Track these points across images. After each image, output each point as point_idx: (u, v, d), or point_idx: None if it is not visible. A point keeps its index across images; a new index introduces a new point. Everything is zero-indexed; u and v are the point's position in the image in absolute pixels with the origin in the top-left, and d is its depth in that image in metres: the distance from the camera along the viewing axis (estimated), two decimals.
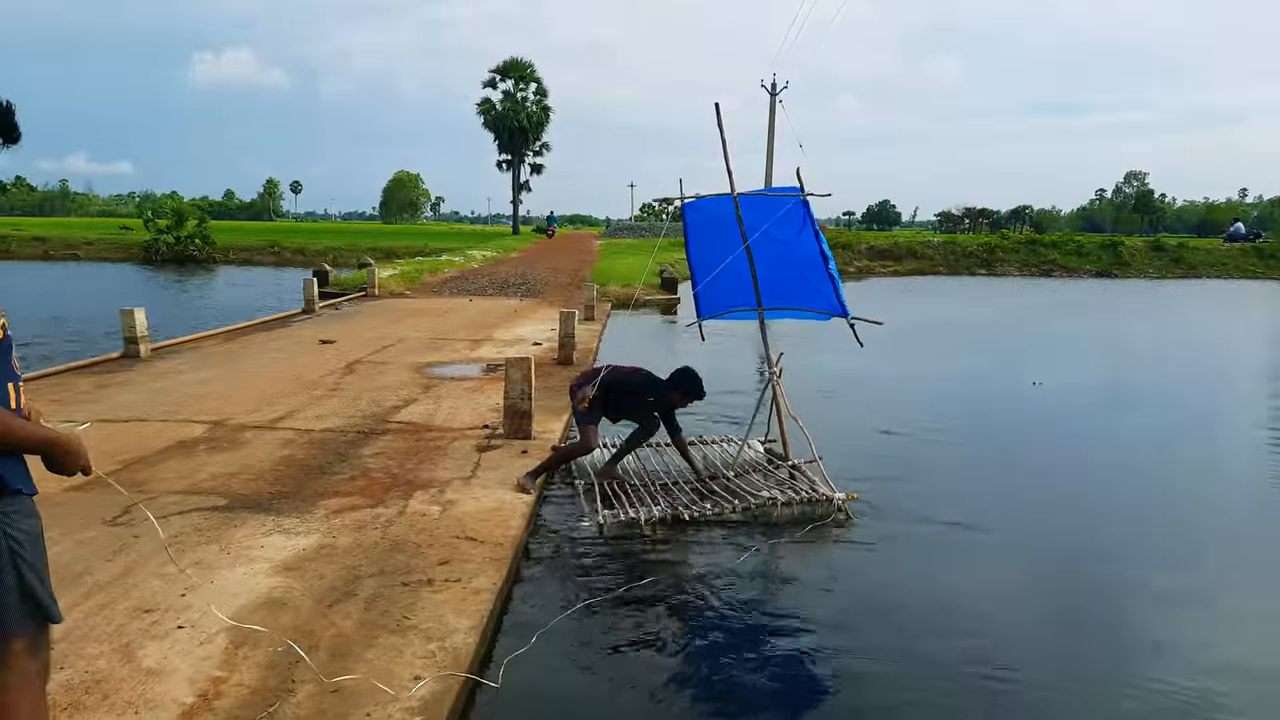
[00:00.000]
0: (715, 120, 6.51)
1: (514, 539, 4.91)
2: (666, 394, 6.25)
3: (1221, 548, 5.88)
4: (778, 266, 6.70)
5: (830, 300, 6.63)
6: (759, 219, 6.53)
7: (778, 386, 6.78)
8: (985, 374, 12.77)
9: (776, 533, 5.71)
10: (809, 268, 6.62)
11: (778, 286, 6.87)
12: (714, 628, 4.40)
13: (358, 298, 19.56)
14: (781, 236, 6.51)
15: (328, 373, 9.90)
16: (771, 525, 5.83)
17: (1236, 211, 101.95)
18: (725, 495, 6.13)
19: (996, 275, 40.25)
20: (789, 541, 5.56)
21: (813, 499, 6.04)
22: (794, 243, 6.56)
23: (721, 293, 6.91)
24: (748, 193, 6.69)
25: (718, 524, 5.81)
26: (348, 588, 4.18)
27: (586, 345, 12.69)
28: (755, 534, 5.68)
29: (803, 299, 6.82)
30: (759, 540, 5.55)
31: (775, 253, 6.59)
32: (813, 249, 6.52)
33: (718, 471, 6.72)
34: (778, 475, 6.65)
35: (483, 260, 32.15)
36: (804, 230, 6.52)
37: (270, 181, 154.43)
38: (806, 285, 6.71)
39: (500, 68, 62.72)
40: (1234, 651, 4.34)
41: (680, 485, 6.43)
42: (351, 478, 5.96)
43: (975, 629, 4.45)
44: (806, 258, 6.58)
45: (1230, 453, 8.52)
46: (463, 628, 3.81)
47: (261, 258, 41.46)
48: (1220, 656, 4.27)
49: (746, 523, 5.87)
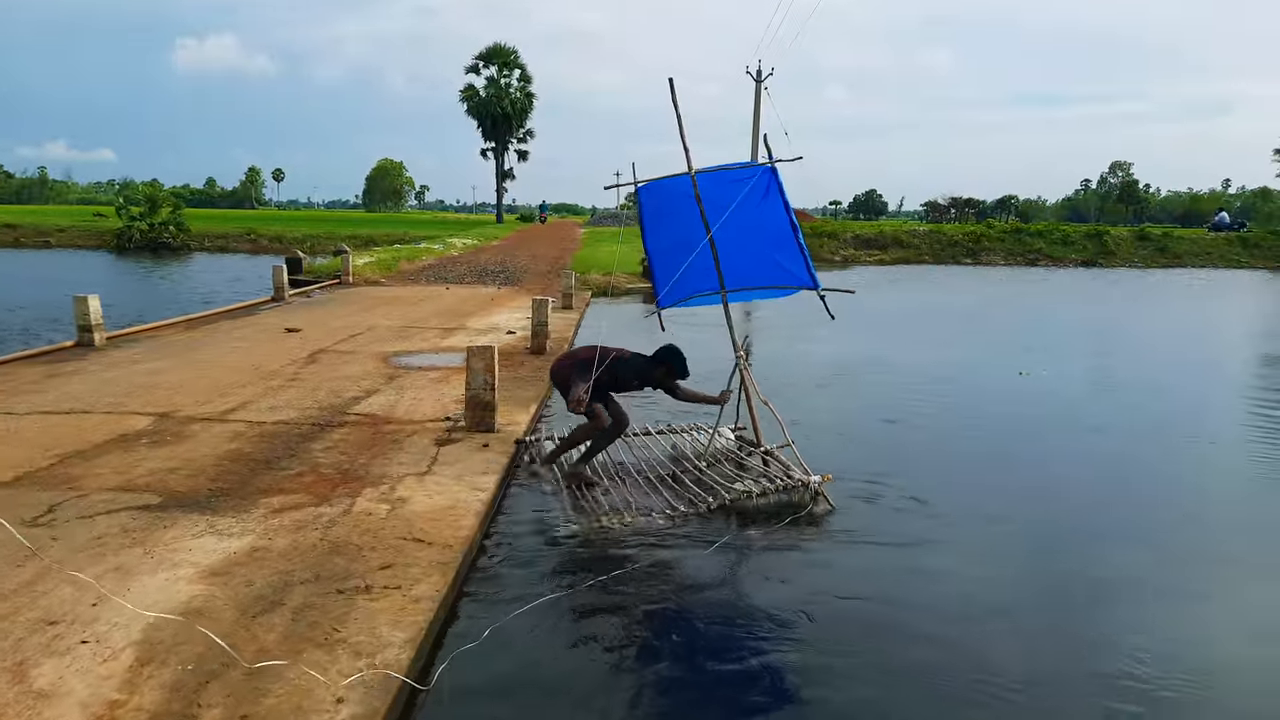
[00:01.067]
0: (670, 98, 6.17)
1: (465, 540, 4.57)
2: (653, 371, 6.20)
3: (1196, 531, 5.71)
4: (741, 245, 6.37)
5: (801, 274, 6.36)
6: (720, 196, 6.17)
7: (745, 372, 6.53)
8: (971, 362, 12.50)
9: (748, 524, 5.49)
10: (776, 242, 6.32)
11: (741, 266, 6.56)
12: (682, 629, 4.12)
13: (330, 285, 19.09)
14: (745, 211, 6.14)
15: (289, 362, 9.51)
16: (747, 516, 5.59)
17: (1220, 202, 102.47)
18: (700, 491, 5.88)
19: (982, 264, 40.09)
20: (762, 534, 5.32)
21: (788, 486, 5.87)
22: (759, 216, 6.21)
23: (683, 278, 6.55)
24: (707, 169, 6.32)
25: (691, 516, 5.55)
26: (276, 596, 3.84)
27: (562, 334, 12.34)
28: (727, 526, 5.44)
29: (768, 277, 6.54)
30: (730, 533, 5.31)
31: (738, 230, 6.22)
32: (781, 220, 6.21)
33: (689, 461, 6.47)
34: (750, 462, 6.42)
35: (463, 248, 31.70)
36: (770, 200, 6.18)
37: (252, 169, 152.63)
38: (771, 263, 6.43)
39: (483, 54, 62.12)
40: (1218, 639, 4.10)
41: (653, 481, 6.16)
42: (299, 474, 5.61)
43: (948, 623, 4.22)
44: (774, 231, 6.28)
45: (1214, 440, 8.27)
46: (397, 641, 3.47)
47: (238, 245, 40.78)
48: (1203, 645, 4.06)
49: (721, 513, 5.62)
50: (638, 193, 6.60)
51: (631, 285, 22.55)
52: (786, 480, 5.92)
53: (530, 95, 63.49)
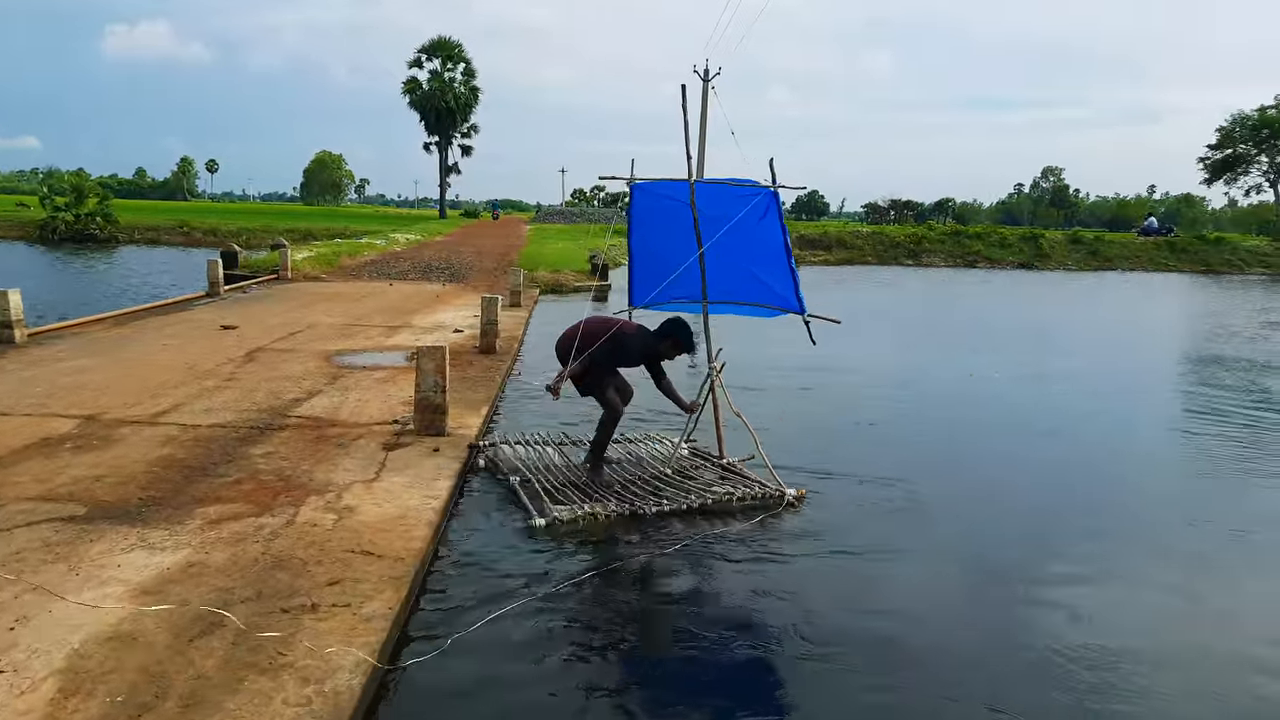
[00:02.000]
0: (680, 104, 6.28)
1: (417, 552, 4.34)
2: (658, 345, 6.11)
3: (1135, 524, 5.81)
4: (731, 261, 6.35)
5: (788, 296, 6.33)
6: (718, 210, 6.16)
7: (718, 383, 6.44)
8: (924, 364, 12.60)
9: (714, 525, 5.44)
10: (767, 262, 6.32)
11: (728, 281, 6.49)
12: (647, 634, 3.99)
13: (268, 280, 18.47)
14: (740, 229, 6.14)
15: (225, 361, 9.09)
16: (715, 518, 5.58)
17: (1147, 207, 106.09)
18: (678, 491, 5.87)
19: (924, 266, 40.82)
20: (725, 534, 5.23)
21: (765, 494, 5.85)
22: (754, 236, 6.23)
23: (661, 281, 6.47)
24: (709, 180, 6.37)
25: (656, 519, 5.48)
26: (215, 617, 3.56)
27: (511, 333, 12.08)
28: (694, 528, 5.37)
29: (753, 295, 6.52)
30: (697, 533, 5.26)
31: (730, 246, 6.21)
32: (776, 242, 6.23)
33: (656, 469, 6.38)
34: (716, 473, 6.36)
35: (406, 243, 31.07)
36: (768, 222, 6.21)
37: (185, 160, 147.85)
38: (756, 282, 6.44)
39: (427, 47, 61.12)
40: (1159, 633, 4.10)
41: (628, 482, 6.09)
42: (237, 481, 5.29)
43: (903, 619, 4.17)
44: (767, 252, 6.28)
45: (1151, 437, 8.43)
46: (348, 664, 3.24)
47: (169, 238, 39.42)
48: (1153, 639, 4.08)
49: (687, 515, 5.58)
50: (631, 190, 6.57)
51: (579, 283, 22.32)
52: (763, 488, 5.90)
53: (475, 90, 62.67)
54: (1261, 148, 59.87)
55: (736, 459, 6.55)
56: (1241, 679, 3.95)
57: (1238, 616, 4.68)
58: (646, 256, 6.70)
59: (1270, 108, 58.55)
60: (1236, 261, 45.28)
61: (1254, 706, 3.74)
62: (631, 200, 6.63)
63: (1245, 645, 4.29)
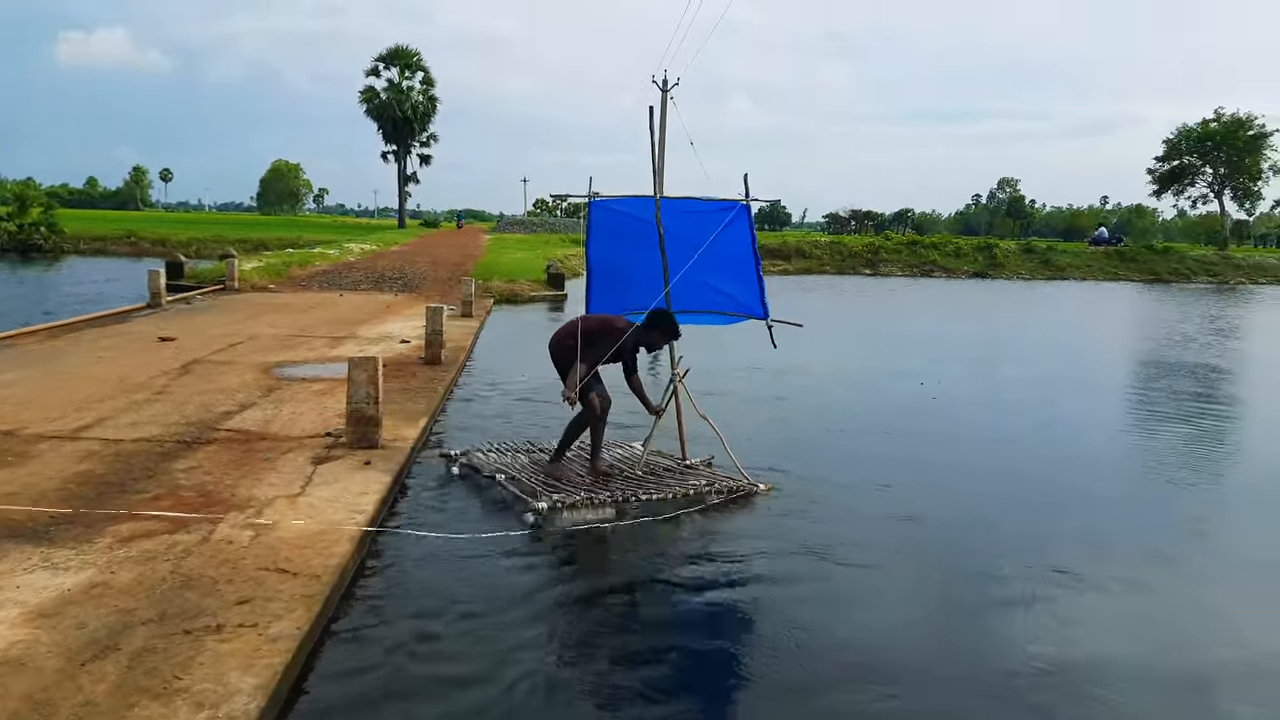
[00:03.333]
0: (648, 124, 6.66)
1: (336, 569, 4.21)
2: (648, 336, 6.23)
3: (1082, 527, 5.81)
4: (691, 274, 6.49)
5: (753, 304, 6.61)
6: (681, 226, 6.46)
7: (681, 388, 6.66)
8: (880, 371, 12.68)
9: (689, 519, 5.63)
10: (732, 272, 6.60)
11: (689, 293, 6.64)
12: (584, 650, 3.86)
13: (214, 291, 18.10)
14: (705, 241, 6.37)
15: (158, 374, 8.84)
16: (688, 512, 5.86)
17: (1099, 218, 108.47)
18: (656, 485, 6.13)
19: (881, 275, 41.28)
20: (703, 528, 5.30)
21: (736, 488, 6.21)
22: (720, 246, 6.44)
23: (622, 294, 6.70)
24: (675, 198, 6.58)
25: (596, 531, 5.45)
26: (112, 639, 3.41)
27: (459, 343, 11.94)
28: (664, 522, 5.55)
29: (712, 304, 6.77)
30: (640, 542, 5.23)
31: (694, 259, 6.39)
32: (745, 251, 6.51)
33: (625, 470, 6.53)
34: (680, 473, 6.57)
35: (360, 253, 30.69)
36: (737, 232, 6.48)
37: (138, 169, 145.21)
38: (717, 293, 6.70)
39: (384, 55, 60.71)
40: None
41: (603, 481, 6.27)
42: (155, 497, 5.12)
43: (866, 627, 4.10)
44: (732, 261, 6.54)
45: (1099, 439, 8.54)
46: (247, 688, 3.11)
47: (116, 248, 38.56)
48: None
49: (656, 509, 5.82)
50: (589, 206, 6.73)
51: (535, 293, 22.21)
52: (735, 483, 6.25)
53: (433, 99, 62.32)
54: (1206, 160, 61.51)
55: (698, 460, 6.77)
56: (1197, 679, 4.01)
57: (1193, 618, 4.76)
58: (605, 270, 6.83)
59: (1212, 121, 60.18)
60: (1183, 270, 46.43)
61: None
62: (590, 216, 6.78)
63: (1200, 646, 4.35)
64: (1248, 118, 59.13)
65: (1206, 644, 4.40)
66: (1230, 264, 48.49)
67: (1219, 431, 9.50)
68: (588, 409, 6.21)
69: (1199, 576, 5.37)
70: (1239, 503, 7.09)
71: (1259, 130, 59.02)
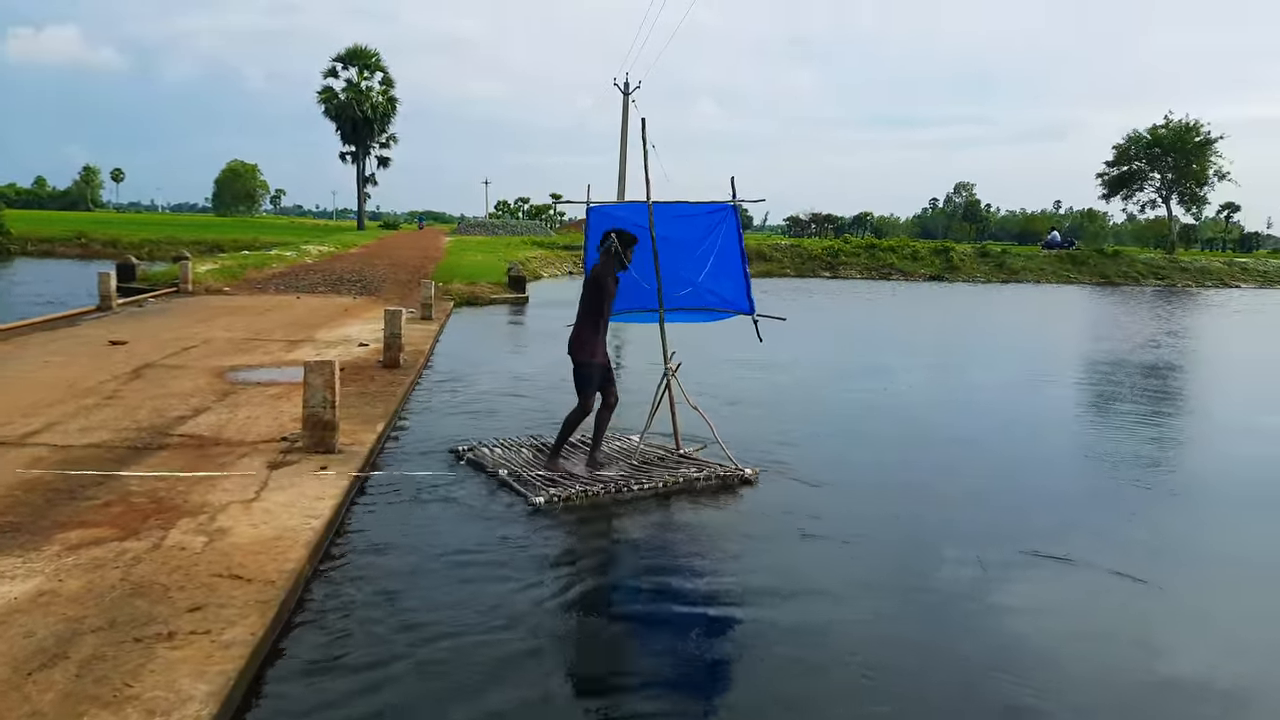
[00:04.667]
0: (641, 134, 7.08)
1: (291, 574, 4.19)
2: (621, 260, 6.37)
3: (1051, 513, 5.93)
4: (683, 275, 7.07)
5: (739, 300, 7.17)
6: (672, 229, 6.97)
7: (674, 381, 7.04)
8: (846, 372, 12.84)
9: (678, 505, 5.64)
10: (720, 271, 7.09)
11: (679, 293, 7.15)
12: (540, 655, 3.88)
13: (167, 294, 17.77)
14: (695, 242, 7.01)
15: (109, 378, 8.68)
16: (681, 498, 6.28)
17: (1052, 221, 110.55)
18: (649, 475, 6.48)
19: (840, 278, 41.71)
20: (694, 513, 5.19)
21: (726, 474, 6.58)
22: (709, 246, 7.00)
23: (620, 295, 6.90)
24: (667, 203, 7.08)
25: (612, 505, 5.73)
26: (60, 648, 3.37)
27: (419, 347, 11.87)
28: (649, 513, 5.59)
29: (703, 302, 7.28)
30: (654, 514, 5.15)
31: (682, 261, 7.03)
32: (733, 251, 7.05)
33: (619, 460, 6.89)
34: (677, 461, 6.93)
35: (318, 255, 30.31)
36: (727, 232, 7.02)
37: (88, 168, 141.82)
38: (706, 292, 7.21)
39: (343, 55, 59.93)
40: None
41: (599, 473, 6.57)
42: (106, 504, 5.04)
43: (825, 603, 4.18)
44: (722, 260, 7.05)
45: (1058, 436, 8.76)
46: (199, 695, 3.09)
47: (66, 250, 37.59)
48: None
49: (649, 499, 6.20)
50: (588, 211, 7.28)
51: (496, 295, 22.13)
52: (723, 469, 6.63)
53: (393, 99, 61.63)
54: (1154, 165, 63.01)
55: (691, 449, 7.20)
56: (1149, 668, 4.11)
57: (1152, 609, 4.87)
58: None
59: (1161, 127, 61.69)
60: (1133, 274, 47.51)
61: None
62: (589, 222, 7.23)
63: (1152, 636, 4.46)
64: (1195, 124, 60.74)
65: (1172, 639, 4.52)
66: (1177, 267, 49.72)
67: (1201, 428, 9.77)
68: (583, 399, 6.44)
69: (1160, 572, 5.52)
70: (1196, 499, 7.29)
71: (1205, 136, 60.63)
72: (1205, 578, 5.44)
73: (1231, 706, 3.84)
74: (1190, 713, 3.81)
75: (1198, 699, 3.89)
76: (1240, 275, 49.97)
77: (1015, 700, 3.73)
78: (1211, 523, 6.52)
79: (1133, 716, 3.75)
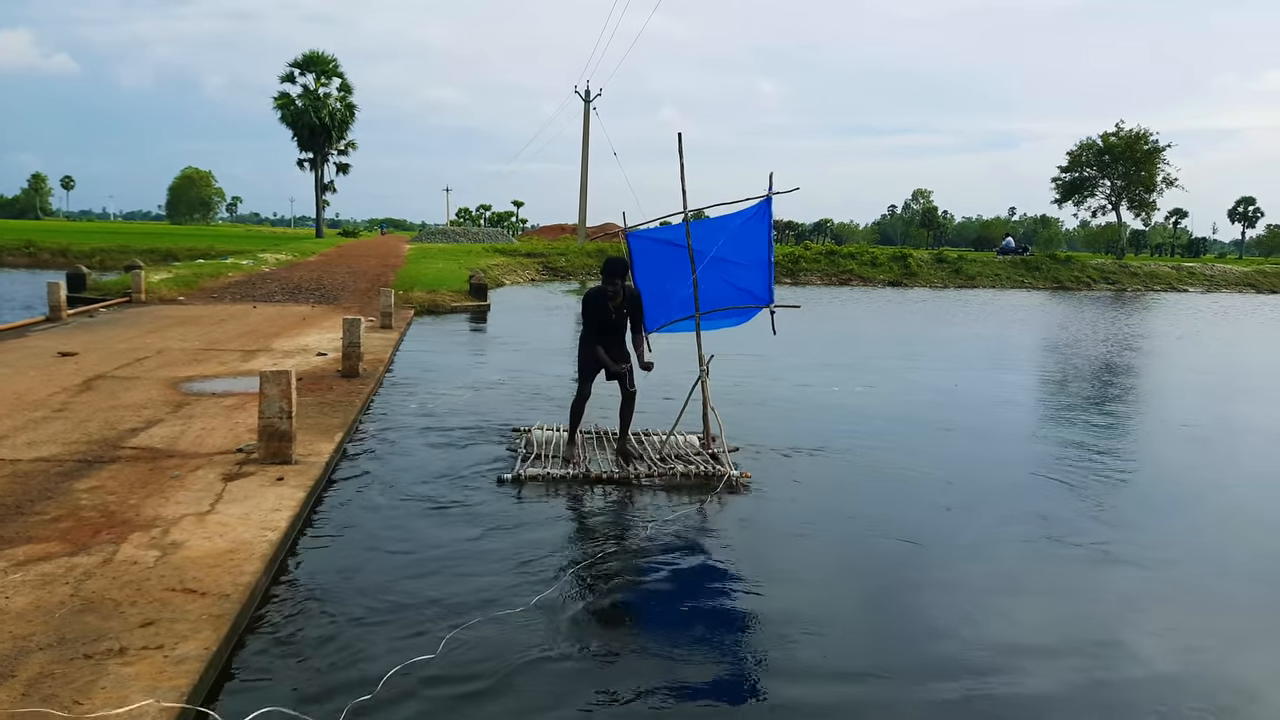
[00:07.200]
0: (677, 148, 7.61)
1: (246, 587, 4.14)
2: (616, 284, 6.97)
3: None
4: (715, 278, 7.60)
5: (761, 292, 7.64)
6: (706, 242, 7.51)
7: (706, 382, 7.54)
8: (813, 374, 12.98)
9: (657, 502, 5.38)
10: (747, 265, 7.60)
11: (714, 295, 7.68)
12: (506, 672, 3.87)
13: (119, 304, 17.42)
14: (728, 242, 7.51)
15: (58, 390, 8.50)
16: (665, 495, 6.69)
17: (1007, 228, 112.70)
18: (636, 466, 7.12)
19: (801, 284, 42.07)
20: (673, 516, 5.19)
21: (709, 473, 6.93)
22: (741, 242, 7.54)
23: (664, 308, 7.74)
24: (706, 219, 7.80)
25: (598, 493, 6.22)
26: (6, 666, 3.30)
27: (378, 356, 11.77)
28: (633, 507, 5.30)
29: (732, 299, 7.76)
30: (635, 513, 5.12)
31: (717, 264, 7.53)
32: (761, 243, 7.56)
33: (647, 455, 7.49)
34: (690, 458, 7.37)
35: (275, 264, 29.90)
36: (758, 224, 7.53)
37: (37, 176, 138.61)
38: (736, 290, 7.70)
39: (299, 61, 59.19)
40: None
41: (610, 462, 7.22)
42: (54, 519, 4.94)
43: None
44: (750, 253, 7.57)
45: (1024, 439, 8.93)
46: (152, 710, 3.05)
47: (13, 260, 36.69)
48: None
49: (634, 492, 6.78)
50: (627, 238, 7.73)
51: (457, 303, 22.00)
52: (707, 467, 7.04)
53: (351, 106, 61.01)
54: (1104, 172, 64.62)
55: (721, 448, 7.48)
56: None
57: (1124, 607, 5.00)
58: (650, 292, 7.65)
59: (1111, 135, 63.28)
60: (1085, 279, 48.58)
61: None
62: (630, 247, 7.73)
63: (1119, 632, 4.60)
64: (1144, 132, 62.45)
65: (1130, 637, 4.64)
66: (1127, 272, 50.95)
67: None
68: (582, 385, 7.25)
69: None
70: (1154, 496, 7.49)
71: (1154, 145, 62.37)
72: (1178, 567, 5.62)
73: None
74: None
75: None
76: (1188, 280, 51.35)
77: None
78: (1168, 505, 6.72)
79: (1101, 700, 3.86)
